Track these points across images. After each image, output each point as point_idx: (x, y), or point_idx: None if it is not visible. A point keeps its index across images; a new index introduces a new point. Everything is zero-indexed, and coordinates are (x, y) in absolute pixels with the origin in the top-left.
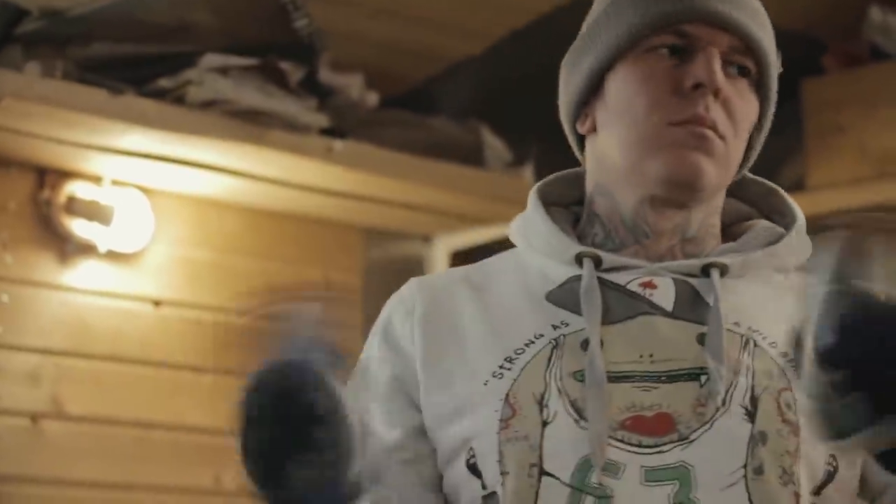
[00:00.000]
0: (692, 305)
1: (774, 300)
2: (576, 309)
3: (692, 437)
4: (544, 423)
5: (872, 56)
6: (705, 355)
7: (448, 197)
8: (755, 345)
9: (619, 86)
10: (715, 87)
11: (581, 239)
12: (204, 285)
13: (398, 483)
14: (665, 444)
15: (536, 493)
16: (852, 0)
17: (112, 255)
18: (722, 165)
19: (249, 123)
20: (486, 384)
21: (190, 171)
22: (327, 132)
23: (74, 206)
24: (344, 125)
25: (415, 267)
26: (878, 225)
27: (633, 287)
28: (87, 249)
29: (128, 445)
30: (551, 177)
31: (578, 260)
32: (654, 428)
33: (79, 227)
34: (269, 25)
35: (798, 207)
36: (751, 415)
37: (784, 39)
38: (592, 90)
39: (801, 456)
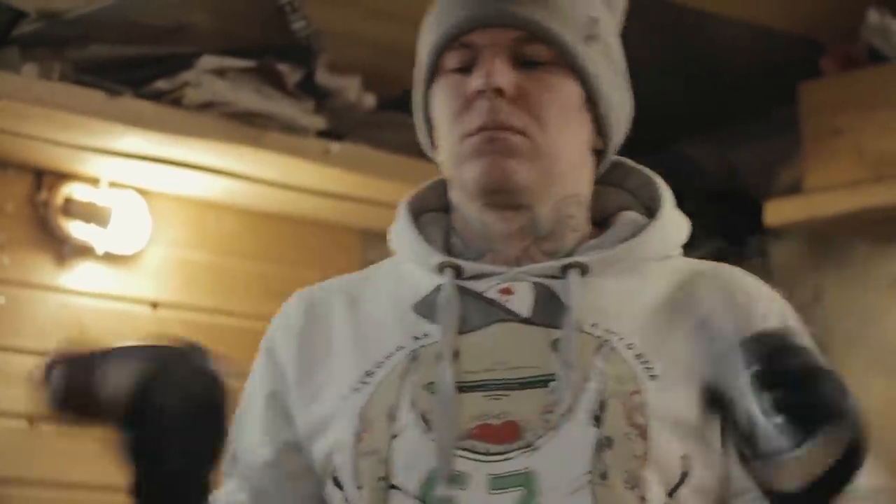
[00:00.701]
0: (549, 309)
1: (639, 296)
2: (434, 319)
3: (538, 444)
4: (393, 437)
5: (870, 59)
6: (556, 361)
7: None
8: (611, 348)
9: (435, 108)
10: (493, 88)
11: (449, 246)
12: (201, 287)
13: (277, 500)
14: (512, 451)
15: None
16: (851, 3)
17: (109, 257)
18: (533, 159)
19: (247, 125)
20: (344, 399)
21: (187, 172)
22: (325, 134)
23: (72, 208)
24: (341, 127)
25: None
26: None
27: (491, 294)
28: (84, 251)
29: None
30: (425, 184)
31: (441, 269)
32: (501, 436)
33: (76, 229)
34: (267, 27)
35: (668, 193)
36: (597, 420)
37: (782, 42)
38: (427, 105)
39: (651, 460)
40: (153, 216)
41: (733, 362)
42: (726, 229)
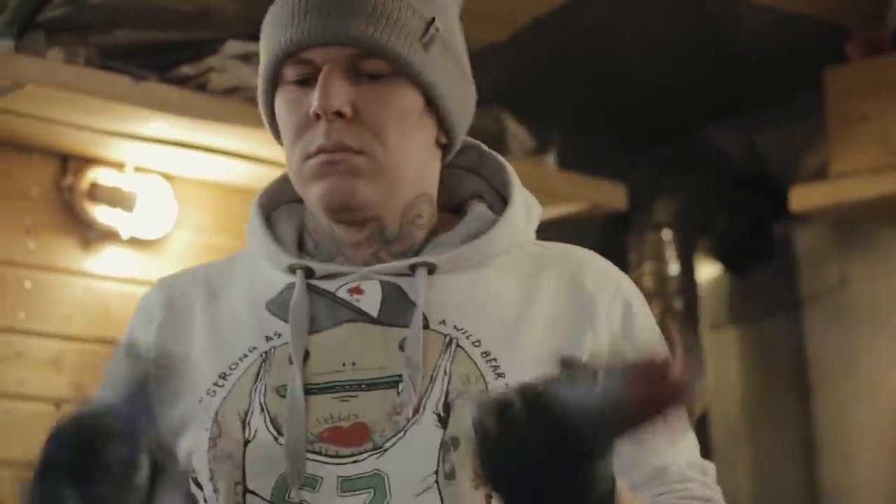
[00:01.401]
0: (398, 308)
1: (487, 290)
2: (286, 318)
3: (386, 446)
4: (246, 442)
5: None
6: (402, 361)
7: None
8: (458, 345)
9: (278, 115)
10: (329, 112)
11: (302, 243)
12: None
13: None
14: (361, 453)
15: None
16: None
17: (134, 242)
18: (376, 177)
19: None
20: (200, 401)
21: (212, 157)
22: None
23: (97, 193)
24: None
25: None
26: None
27: (341, 294)
28: (109, 236)
29: None
30: (280, 176)
31: (292, 270)
32: (350, 438)
33: (101, 214)
34: None
35: (517, 185)
36: (443, 421)
37: (808, 27)
38: (272, 108)
39: None
40: (178, 201)
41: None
42: (751, 215)
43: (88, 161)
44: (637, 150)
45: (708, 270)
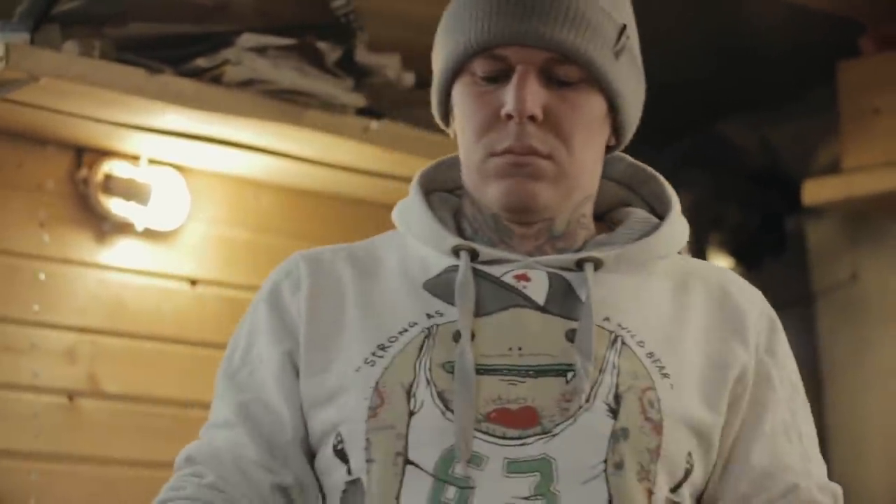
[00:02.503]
0: (564, 300)
1: (647, 293)
2: (450, 299)
3: (555, 431)
4: (411, 413)
5: None
6: (573, 352)
7: None
8: (623, 343)
9: (456, 106)
10: (525, 115)
11: (459, 229)
12: (240, 265)
13: (280, 460)
14: (529, 436)
15: (401, 482)
16: None
17: (149, 234)
18: (557, 181)
19: (286, 103)
20: (357, 371)
21: (227, 150)
22: (364, 112)
23: (112, 185)
24: (380, 105)
25: None
26: None
27: (508, 279)
28: (124, 228)
29: (164, 424)
30: (435, 162)
31: (455, 251)
32: (518, 421)
33: (116, 206)
34: (307, 5)
35: (674, 194)
36: (614, 412)
37: (821, 21)
38: (447, 96)
39: (662, 455)
40: (192, 193)
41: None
42: (764, 209)
43: (103, 153)
44: (650, 146)
45: (720, 264)
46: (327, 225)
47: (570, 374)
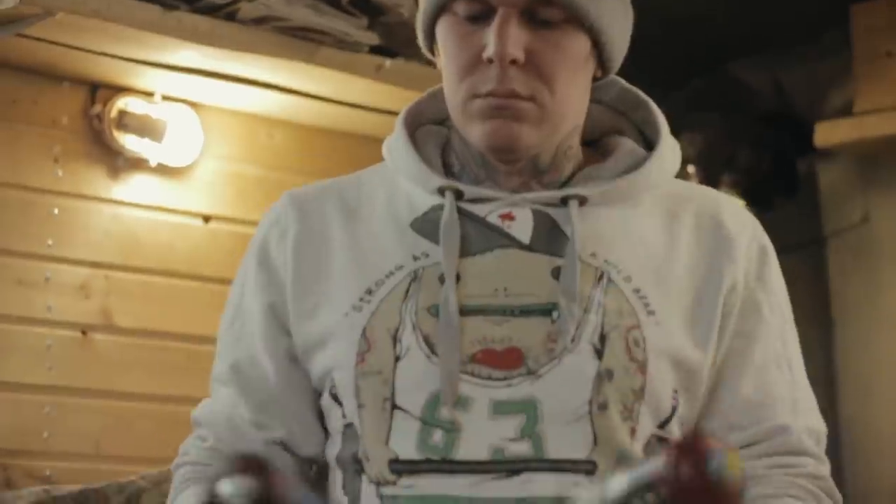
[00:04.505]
0: (549, 237)
1: (636, 226)
2: (437, 239)
3: (541, 372)
4: (397, 358)
5: None
6: (558, 291)
7: None
8: (609, 279)
9: (440, 44)
10: (506, 59)
11: (447, 164)
12: (253, 201)
13: (277, 412)
14: (514, 377)
15: (389, 426)
16: None
17: (162, 170)
18: (540, 122)
19: (300, 40)
20: (345, 316)
21: (240, 87)
22: (378, 50)
23: (126, 121)
24: (394, 43)
25: None
26: None
27: (492, 219)
28: (137, 164)
29: (177, 359)
30: (423, 95)
31: (441, 192)
32: (503, 362)
33: (130, 142)
34: None
35: (664, 121)
36: (598, 352)
37: None
38: (432, 32)
39: (647, 394)
40: (206, 130)
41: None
42: (776, 151)
43: (117, 89)
44: (662, 87)
45: None
46: (339, 162)
47: (554, 314)
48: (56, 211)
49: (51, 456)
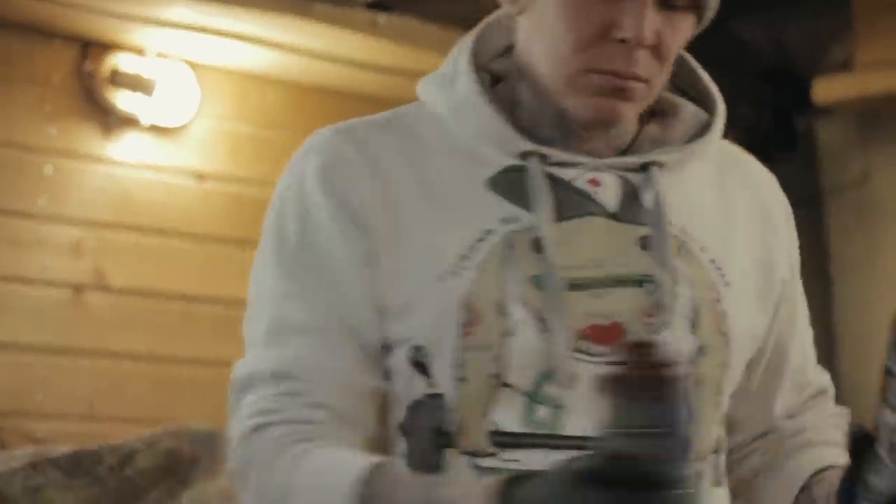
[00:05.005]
0: (632, 205)
1: (697, 194)
2: (521, 203)
3: None
4: (505, 333)
5: None
6: (649, 261)
7: None
8: (687, 249)
9: (550, 4)
10: (643, 44)
11: (513, 116)
12: (247, 159)
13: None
14: (613, 352)
15: (490, 400)
16: None
17: (155, 129)
18: (643, 100)
19: None
20: (439, 280)
21: (234, 43)
22: (372, 5)
23: (118, 79)
24: None
25: None
26: None
27: (580, 184)
28: (130, 122)
29: (170, 318)
30: (480, 29)
31: (525, 157)
32: (608, 337)
33: (122, 100)
34: None
35: (714, 86)
36: (693, 326)
37: None
38: None
39: (730, 368)
40: (200, 88)
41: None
42: (775, 107)
43: (109, 47)
44: None
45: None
46: (334, 120)
47: (649, 286)
48: (48, 170)
49: (44, 417)
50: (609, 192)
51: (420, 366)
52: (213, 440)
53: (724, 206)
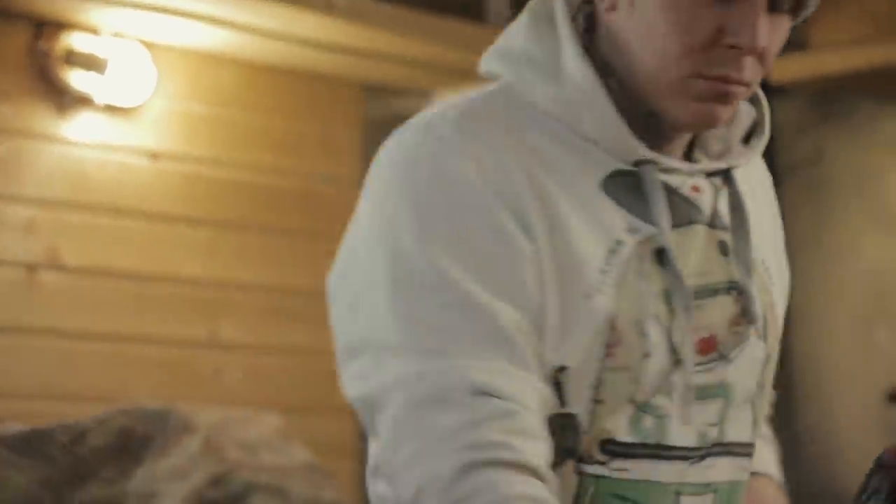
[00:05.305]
0: (717, 210)
1: (750, 195)
2: (635, 211)
3: (731, 356)
4: (646, 355)
5: None
6: (731, 267)
7: (448, 52)
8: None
9: (655, 5)
10: (756, 52)
11: None
12: (201, 139)
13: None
14: (710, 361)
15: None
16: None
17: (110, 108)
18: (739, 103)
19: None
20: (587, 299)
21: (189, 23)
22: None
23: (72, 58)
24: None
25: None
26: None
27: (686, 192)
28: (84, 101)
29: (123, 297)
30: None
31: (638, 164)
32: (706, 346)
33: (77, 79)
34: None
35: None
36: (763, 335)
37: None
38: None
39: (774, 368)
40: (155, 67)
41: None
42: None
43: (64, 26)
44: None
45: None
46: (289, 100)
47: (734, 293)
48: (2, 149)
49: None
50: (706, 198)
51: (557, 385)
52: (166, 418)
53: (755, 201)
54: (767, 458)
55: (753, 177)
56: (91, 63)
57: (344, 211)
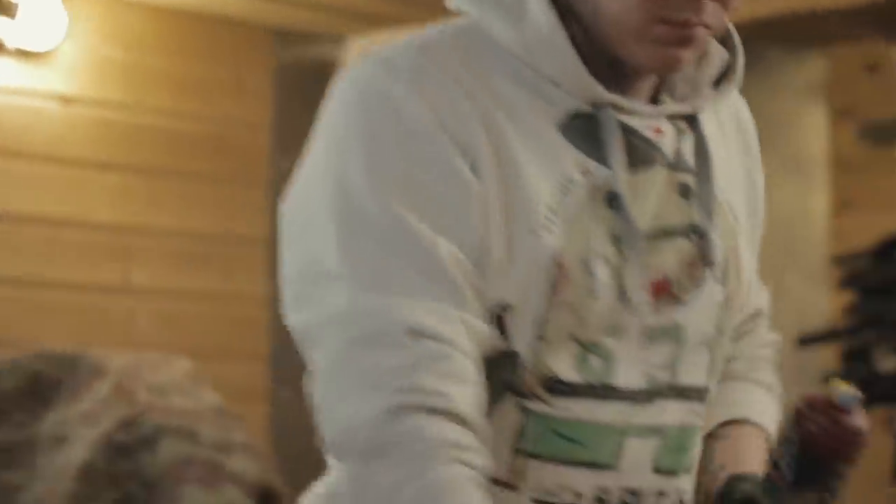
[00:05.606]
0: (680, 153)
1: (711, 134)
2: (591, 152)
3: (685, 299)
4: (591, 294)
5: None
6: (690, 210)
7: None
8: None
9: None
10: None
11: None
12: (114, 84)
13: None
14: (661, 304)
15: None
16: None
17: (21, 53)
18: (702, 47)
19: None
20: (532, 234)
21: None
22: None
23: None
24: None
25: (327, 68)
26: None
27: (647, 133)
28: None
29: (35, 242)
30: None
31: (599, 107)
32: (658, 291)
33: None
34: None
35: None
36: (723, 278)
37: None
38: None
39: (740, 312)
40: (66, 11)
41: None
42: None
43: None
44: None
45: None
46: (201, 45)
47: (693, 237)
48: None
49: None
50: (669, 140)
51: (500, 321)
52: (77, 363)
53: (724, 141)
54: (759, 405)
55: (729, 119)
56: (1, 7)
57: (255, 156)
